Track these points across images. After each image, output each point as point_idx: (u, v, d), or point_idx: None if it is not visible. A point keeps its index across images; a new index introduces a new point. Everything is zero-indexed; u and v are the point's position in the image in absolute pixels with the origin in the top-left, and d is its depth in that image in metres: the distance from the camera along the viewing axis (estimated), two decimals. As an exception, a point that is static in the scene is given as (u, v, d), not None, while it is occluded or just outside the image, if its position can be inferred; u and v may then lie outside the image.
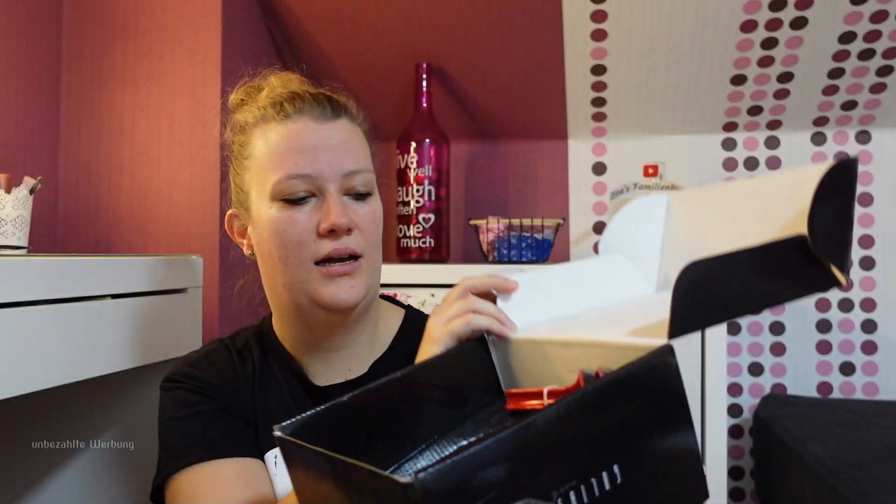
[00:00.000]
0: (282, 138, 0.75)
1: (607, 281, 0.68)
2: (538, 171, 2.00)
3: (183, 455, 0.74)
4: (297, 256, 0.73)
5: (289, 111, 0.75)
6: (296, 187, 0.73)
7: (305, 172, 0.73)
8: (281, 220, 0.73)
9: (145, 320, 1.13)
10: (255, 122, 0.78)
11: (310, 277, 0.74)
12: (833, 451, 1.35)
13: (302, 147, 0.74)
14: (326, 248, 0.73)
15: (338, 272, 0.74)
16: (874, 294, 1.84)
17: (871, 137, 1.85)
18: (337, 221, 0.72)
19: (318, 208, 0.74)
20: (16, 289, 0.87)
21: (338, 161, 0.74)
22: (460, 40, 1.73)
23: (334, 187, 0.74)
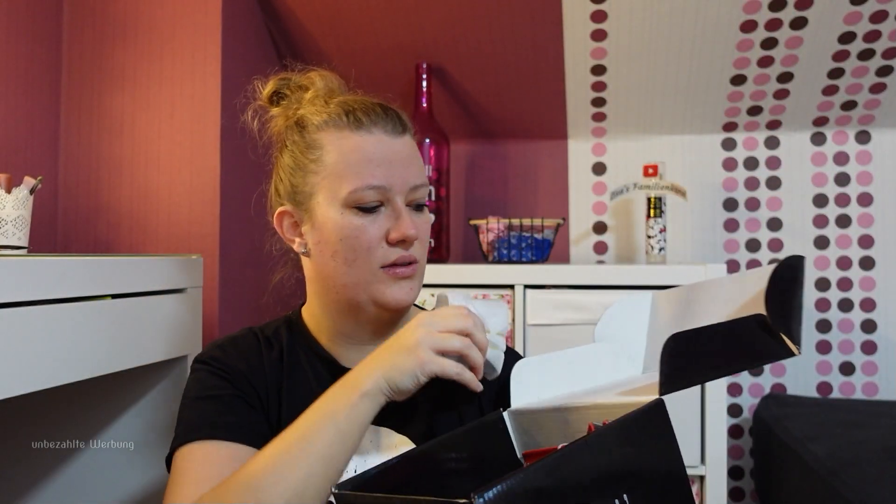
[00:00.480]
0: (359, 149, 0.79)
1: (601, 364, 0.79)
2: (538, 171, 2.00)
3: (191, 431, 0.78)
4: (365, 260, 0.79)
5: (364, 122, 0.80)
6: (370, 197, 0.79)
7: (380, 184, 0.79)
8: (353, 227, 0.79)
9: (145, 320, 1.13)
10: (324, 127, 0.82)
11: (375, 279, 0.80)
12: (833, 451, 1.35)
13: (378, 159, 0.79)
14: (393, 255, 0.80)
15: (402, 275, 0.81)
16: (874, 294, 1.84)
17: (870, 137, 1.85)
18: (408, 233, 0.79)
19: (387, 217, 0.80)
20: (16, 289, 0.87)
21: (406, 175, 0.81)
22: (460, 40, 1.73)
23: (401, 199, 0.80)
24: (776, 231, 1.89)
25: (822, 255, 1.87)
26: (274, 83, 0.92)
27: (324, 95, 0.87)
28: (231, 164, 1.58)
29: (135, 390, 1.26)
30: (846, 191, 1.86)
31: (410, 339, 0.71)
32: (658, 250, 1.74)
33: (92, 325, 1.00)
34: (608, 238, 1.97)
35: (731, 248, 1.91)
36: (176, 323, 1.22)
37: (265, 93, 0.92)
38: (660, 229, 1.74)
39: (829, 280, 1.86)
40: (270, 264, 0.99)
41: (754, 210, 1.90)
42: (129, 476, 1.26)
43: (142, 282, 1.13)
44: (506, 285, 1.59)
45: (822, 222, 1.87)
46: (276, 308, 1.03)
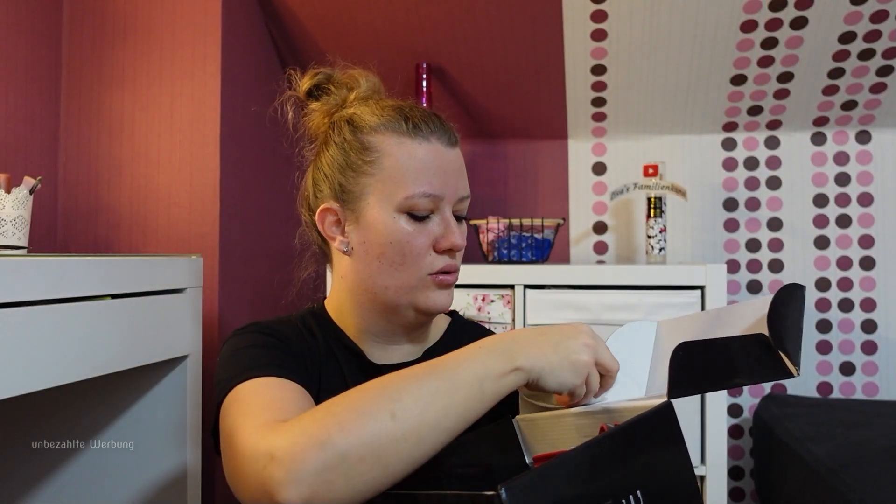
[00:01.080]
0: (416, 156, 0.81)
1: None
2: (538, 171, 2.00)
3: (249, 371, 0.75)
4: (413, 266, 0.81)
5: (423, 130, 0.81)
6: (423, 205, 0.80)
7: (435, 193, 0.80)
8: (406, 232, 0.80)
9: (145, 320, 1.13)
10: (381, 130, 0.82)
11: (420, 285, 0.82)
12: (833, 451, 1.35)
13: (434, 168, 0.81)
14: (440, 262, 0.82)
15: (446, 282, 0.83)
16: (874, 294, 1.84)
17: (870, 137, 1.85)
18: (458, 243, 0.82)
19: (436, 225, 0.82)
20: (16, 289, 0.87)
21: (457, 186, 0.83)
22: (460, 40, 1.73)
23: (450, 209, 0.83)
24: (776, 231, 1.89)
25: (822, 255, 1.87)
26: (313, 78, 0.92)
27: (369, 96, 0.89)
28: (231, 164, 1.58)
29: (135, 390, 1.26)
30: (846, 191, 1.86)
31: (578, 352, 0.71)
32: (658, 250, 1.74)
33: (92, 325, 1.00)
34: (608, 238, 1.97)
35: (731, 248, 1.91)
36: (176, 323, 1.22)
37: (303, 86, 0.92)
38: (660, 229, 1.74)
39: (829, 280, 1.86)
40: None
41: (754, 210, 1.90)
42: (129, 476, 1.26)
43: (142, 282, 1.13)
44: (506, 285, 1.59)
45: (822, 222, 1.87)
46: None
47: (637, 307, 1.51)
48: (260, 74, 1.74)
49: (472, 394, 0.66)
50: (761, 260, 1.89)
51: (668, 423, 0.61)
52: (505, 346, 0.70)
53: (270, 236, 1.79)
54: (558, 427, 0.72)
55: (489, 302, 1.59)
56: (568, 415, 0.72)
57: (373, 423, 0.62)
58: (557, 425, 0.72)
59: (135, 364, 1.10)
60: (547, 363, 0.69)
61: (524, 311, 1.56)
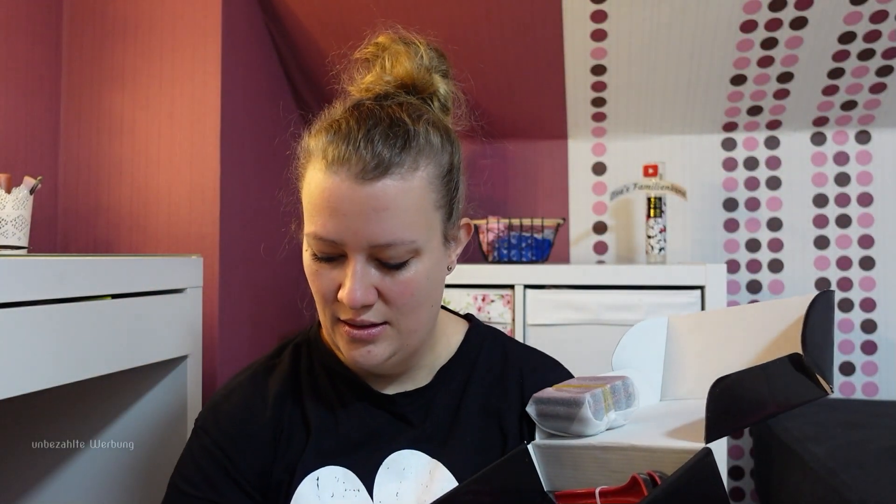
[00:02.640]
0: (319, 192, 0.67)
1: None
2: (538, 171, 2.00)
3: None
4: (323, 308, 0.72)
5: (333, 159, 0.67)
6: (322, 248, 0.68)
7: (330, 238, 0.67)
8: (311, 270, 0.71)
9: (145, 320, 1.13)
10: (314, 141, 0.71)
11: (336, 330, 0.72)
12: (833, 451, 1.35)
13: (332, 210, 0.66)
14: (344, 314, 0.70)
15: (356, 337, 0.70)
16: (874, 294, 1.84)
17: (870, 137, 1.85)
18: (348, 300, 0.67)
19: (342, 271, 0.69)
20: (16, 289, 0.87)
21: (364, 231, 0.66)
22: (460, 40, 1.73)
23: (361, 257, 0.67)
24: (776, 231, 1.89)
25: (822, 255, 1.87)
26: (369, 48, 0.80)
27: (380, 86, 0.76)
28: (231, 164, 1.58)
29: (135, 390, 1.26)
30: (846, 191, 1.86)
31: None
32: (658, 250, 1.74)
33: (92, 325, 1.00)
34: (608, 238, 1.97)
35: (731, 248, 1.91)
36: (176, 323, 1.22)
37: (360, 52, 0.80)
38: (660, 229, 1.74)
39: (829, 280, 1.86)
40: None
41: (754, 210, 1.90)
42: (129, 476, 1.26)
43: (142, 282, 1.12)
44: (506, 285, 1.59)
45: (822, 222, 1.87)
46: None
47: (637, 307, 1.51)
48: (260, 74, 1.74)
49: None
50: (761, 260, 1.89)
51: (709, 472, 0.55)
52: None
53: (270, 236, 1.79)
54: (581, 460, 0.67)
55: (489, 302, 1.59)
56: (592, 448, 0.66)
57: None
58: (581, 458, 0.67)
59: (135, 364, 1.10)
60: None
61: (524, 310, 1.56)
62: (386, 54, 0.79)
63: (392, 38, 0.81)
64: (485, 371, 0.81)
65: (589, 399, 0.66)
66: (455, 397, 0.79)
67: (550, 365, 0.85)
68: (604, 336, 1.52)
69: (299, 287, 1.00)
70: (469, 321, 0.87)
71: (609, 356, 0.80)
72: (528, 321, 1.56)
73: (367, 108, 0.72)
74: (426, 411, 0.78)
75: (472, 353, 0.82)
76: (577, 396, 0.67)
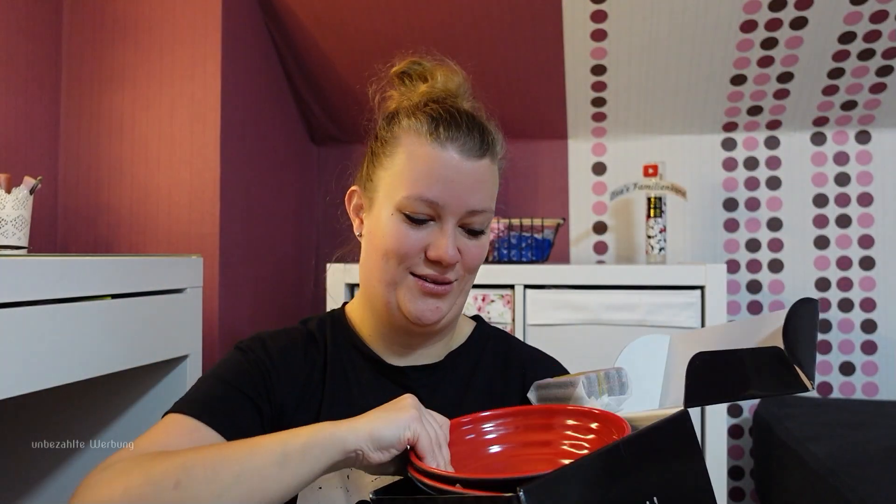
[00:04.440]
0: (425, 162, 0.78)
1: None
2: (538, 171, 2.00)
3: (188, 403, 0.78)
4: (399, 263, 0.79)
5: (441, 135, 0.79)
6: (419, 208, 0.78)
7: (433, 199, 0.77)
8: (397, 231, 0.79)
9: (145, 320, 1.13)
10: (408, 128, 0.81)
11: (404, 283, 0.80)
12: (833, 451, 1.35)
13: (440, 177, 0.78)
14: (426, 270, 0.79)
15: (429, 291, 0.79)
16: (874, 294, 1.84)
17: (870, 137, 1.85)
18: (443, 256, 0.78)
19: (433, 233, 0.79)
20: (16, 289, 0.87)
21: (466, 198, 0.79)
22: (460, 40, 1.73)
23: (453, 220, 0.79)
24: (776, 231, 1.89)
25: (822, 255, 1.87)
26: (406, 63, 0.89)
27: (436, 94, 0.86)
28: (231, 164, 1.58)
29: (135, 390, 1.26)
30: (846, 191, 1.86)
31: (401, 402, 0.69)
32: (658, 250, 1.74)
33: (92, 325, 1.00)
34: (608, 238, 1.97)
35: (731, 248, 1.91)
36: (176, 323, 1.22)
37: (395, 69, 0.89)
38: (660, 229, 1.74)
39: (829, 280, 1.86)
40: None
41: (754, 210, 1.90)
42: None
43: (142, 282, 1.13)
44: (506, 285, 1.59)
45: (822, 222, 1.87)
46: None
47: (637, 307, 1.51)
48: (260, 74, 1.74)
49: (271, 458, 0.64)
50: (761, 260, 1.89)
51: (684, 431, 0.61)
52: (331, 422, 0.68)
53: (270, 236, 1.79)
54: None
55: (489, 302, 1.59)
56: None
57: (155, 493, 0.63)
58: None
59: (135, 364, 1.10)
60: (370, 422, 0.66)
61: (524, 310, 1.56)
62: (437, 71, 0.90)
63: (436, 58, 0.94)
64: (490, 360, 0.89)
65: (583, 380, 0.74)
66: (462, 379, 0.86)
67: (550, 362, 0.92)
68: (604, 336, 1.52)
69: (300, 287, 1.00)
70: (476, 321, 0.95)
71: (609, 356, 0.82)
72: (528, 321, 1.56)
73: (450, 104, 0.85)
74: (434, 388, 0.85)
75: (480, 343, 0.90)
76: (573, 378, 0.75)
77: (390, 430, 0.66)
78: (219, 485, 0.63)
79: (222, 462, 0.64)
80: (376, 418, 0.67)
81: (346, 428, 0.66)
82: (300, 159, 1.98)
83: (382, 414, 0.68)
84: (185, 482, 0.63)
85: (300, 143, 1.99)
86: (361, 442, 0.65)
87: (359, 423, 0.66)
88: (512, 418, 0.73)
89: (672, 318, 1.50)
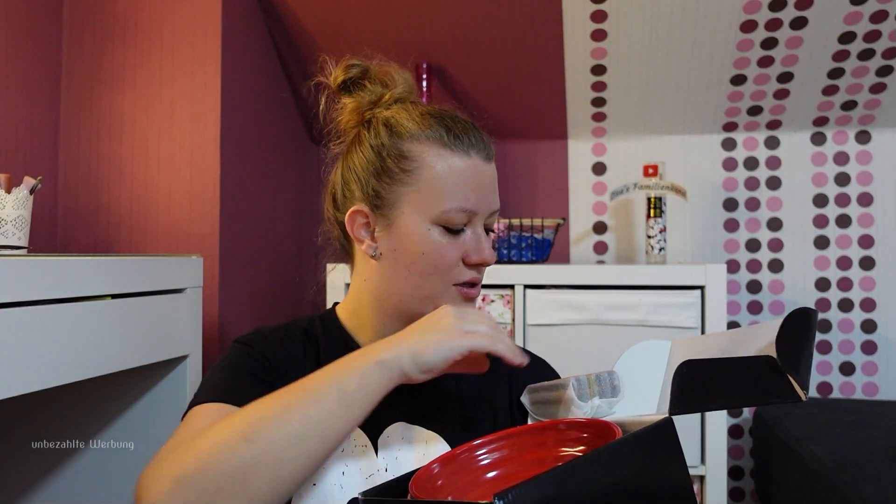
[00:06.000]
0: (457, 171, 0.80)
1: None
2: (538, 171, 2.00)
3: (209, 392, 0.79)
4: (442, 276, 0.81)
5: (465, 145, 0.81)
6: (459, 219, 0.80)
7: (472, 208, 0.80)
8: (440, 245, 0.80)
9: (145, 320, 1.13)
10: (420, 139, 0.82)
11: (446, 295, 0.82)
12: (833, 451, 1.35)
13: (473, 184, 0.80)
14: (467, 275, 0.82)
15: (470, 295, 0.83)
16: (874, 294, 1.84)
17: (870, 137, 1.85)
18: (489, 258, 0.82)
19: (468, 239, 0.82)
20: (16, 289, 0.87)
21: (491, 200, 0.83)
22: (460, 40, 1.73)
23: (482, 223, 0.82)
24: (776, 231, 1.89)
25: (822, 255, 1.87)
26: (347, 70, 0.89)
27: (404, 96, 0.88)
28: (231, 164, 1.58)
29: (135, 390, 1.26)
30: (846, 191, 1.86)
31: (442, 321, 0.71)
32: (658, 250, 1.74)
33: (92, 325, 1.00)
34: (608, 238, 1.97)
35: (731, 248, 1.91)
36: (176, 323, 1.22)
37: (336, 78, 0.89)
38: (660, 229, 1.74)
39: (829, 280, 1.86)
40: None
41: (754, 210, 1.90)
42: (129, 476, 1.25)
43: (142, 282, 1.13)
44: (506, 285, 1.59)
45: (822, 222, 1.87)
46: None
47: (637, 307, 1.51)
48: (260, 74, 1.74)
49: (332, 398, 0.66)
50: (761, 260, 1.89)
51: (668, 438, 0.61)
52: (366, 349, 0.70)
53: (270, 236, 1.79)
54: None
55: (489, 302, 1.59)
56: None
57: (226, 452, 0.63)
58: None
59: (135, 364, 1.10)
60: (412, 345, 0.68)
61: (524, 310, 1.56)
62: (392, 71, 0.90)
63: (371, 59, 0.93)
64: None
65: (574, 382, 0.75)
66: (453, 379, 0.87)
67: (539, 363, 0.93)
68: (604, 336, 1.52)
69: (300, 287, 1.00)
70: None
71: (609, 356, 0.82)
72: (527, 321, 1.56)
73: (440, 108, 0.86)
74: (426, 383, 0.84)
75: None
76: (563, 381, 0.76)
77: (435, 353, 0.68)
78: (289, 429, 0.64)
79: (285, 413, 0.65)
80: (415, 341, 0.69)
81: (392, 355, 0.68)
82: (300, 159, 1.98)
83: (420, 335, 0.70)
84: (255, 434, 0.64)
85: (300, 142, 1.99)
86: (407, 368, 0.68)
87: (402, 348, 0.69)
88: (505, 441, 0.74)
89: (672, 319, 1.50)
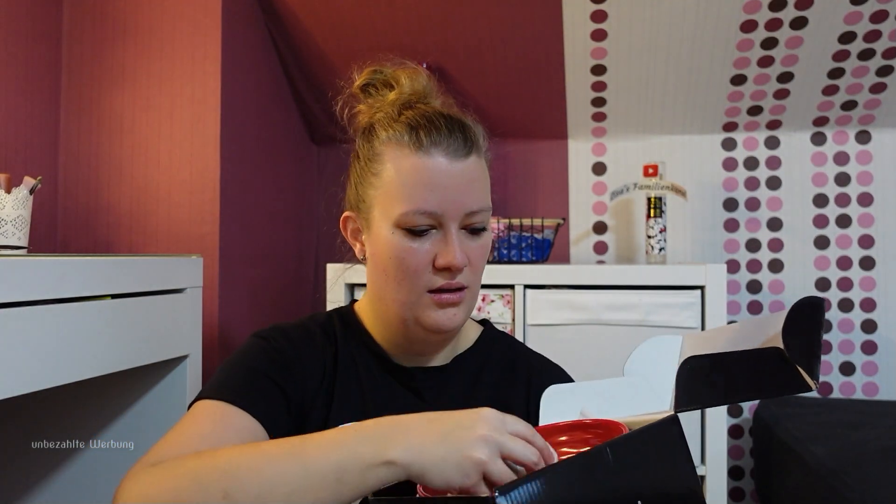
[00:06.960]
0: (414, 172, 0.77)
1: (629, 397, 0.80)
2: (538, 171, 2.00)
3: (217, 389, 0.78)
4: (411, 282, 0.79)
5: (424, 143, 0.78)
6: (420, 221, 0.77)
7: (431, 210, 0.77)
8: (402, 248, 0.78)
9: (145, 320, 1.13)
10: (387, 141, 0.80)
11: (420, 302, 0.79)
12: (833, 451, 1.35)
13: (432, 184, 0.77)
14: (439, 281, 0.79)
15: (447, 301, 0.79)
16: (874, 294, 1.84)
17: (870, 137, 1.85)
18: (453, 262, 0.77)
19: (437, 241, 0.78)
20: (16, 289, 0.87)
21: (462, 200, 0.78)
22: (460, 40, 1.73)
23: (455, 225, 0.78)
24: (776, 231, 1.89)
25: (822, 255, 1.87)
26: (367, 74, 0.88)
27: (405, 99, 0.85)
28: (231, 164, 1.58)
29: (135, 390, 1.26)
30: (846, 191, 1.86)
31: (472, 450, 0.59)
32: (658, 250, 1.74)
33: (92, 325, 1.00)
34: (608, 238, 1.97)
35: (731, 248, 1.91)
36: (176, 323, 1.22)
37: (357, 83, 0.88)
38: (660, 229, 1.74)
39: (829, 280, 1.86)
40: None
41: (754, 210, 1.90)
42: (129, 476, 1.26)
43: (142, 282, 1.13)
44: (506, 285, 1.59)
45: (822, 222, 1.87)
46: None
47: (637, 307, 1.51)
48: (260, 74, 1.74)
49: (327, 484, 0.61)
50: (761, 260, 1.89)
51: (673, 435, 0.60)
52: (383, 431, 0.62)
53: (270, 236, 1.79)
54: None
55: (489, 302, 1.59)
56: None
57: (203, 498, 0.61)
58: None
59: (135, 364, 1.10)
60: (429, 458, 0.59)
61: (524, 311, 1.56)
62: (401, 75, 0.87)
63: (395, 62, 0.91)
64: (497, 365, 0.89)
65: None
66: (468, 382, 0.87)
67: (557, 371, 0.92)
68: (604, 336, 1.52)
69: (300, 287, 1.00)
70: (484, 325, 0.95)
71: (608, 356, 0.81)
72: (528, 321, 1.56)
73: (424, 108, 0.83)
74: (440, 390, 0.85)
75: (486, 348, 0.91)
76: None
77: (441, 476, 0.59)
78: (271, 502, 0.61)
79: (273, 477, 0.62)
80: (430, 451, 0.60)
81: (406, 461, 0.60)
82: (300, 159, 1.98)
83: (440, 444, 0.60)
84: (235, 494, 0.62)
85: (300, 142, 1.99)
86: (414, 476, 0.60)
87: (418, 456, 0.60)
88: None
89: (672, 319, 1.50)
